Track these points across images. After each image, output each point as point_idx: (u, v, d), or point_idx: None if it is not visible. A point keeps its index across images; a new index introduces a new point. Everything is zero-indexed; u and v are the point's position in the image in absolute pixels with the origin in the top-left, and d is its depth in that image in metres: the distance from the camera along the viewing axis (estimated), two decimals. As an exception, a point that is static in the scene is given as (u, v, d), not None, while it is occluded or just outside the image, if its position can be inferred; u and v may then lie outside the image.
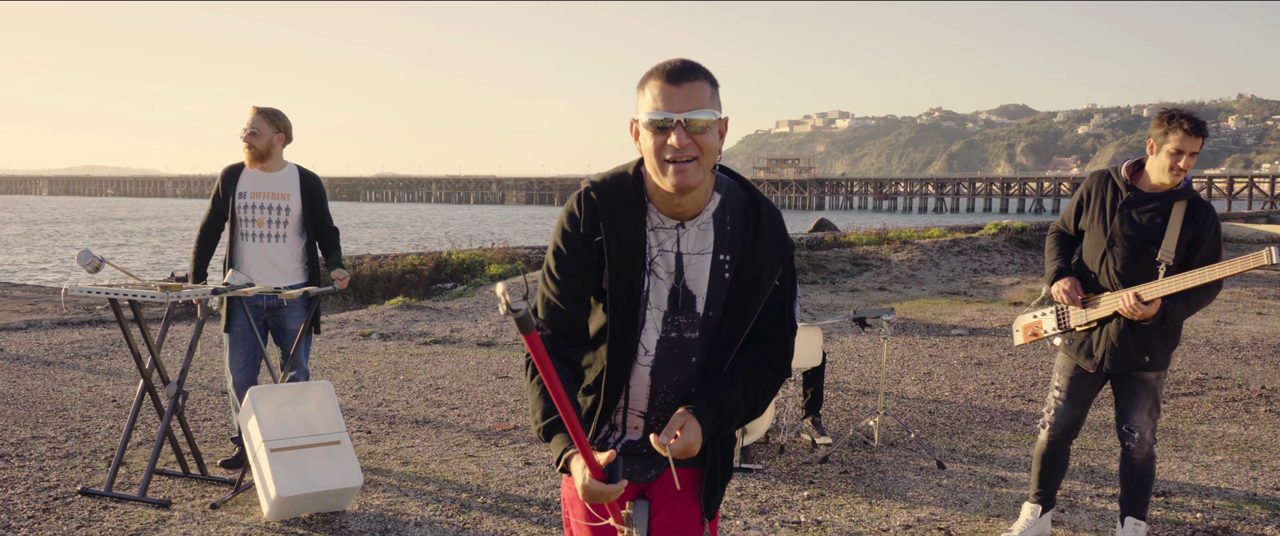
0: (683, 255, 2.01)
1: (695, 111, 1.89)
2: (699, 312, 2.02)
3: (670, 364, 2.04)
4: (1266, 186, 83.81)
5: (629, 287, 1.99)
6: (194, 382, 6.97)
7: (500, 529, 4.17)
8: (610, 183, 2.01)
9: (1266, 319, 10.67)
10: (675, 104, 1.89)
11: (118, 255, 30.50)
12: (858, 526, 4.26)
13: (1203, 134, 3.55)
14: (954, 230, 18.97)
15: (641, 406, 2.09)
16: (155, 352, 4.59)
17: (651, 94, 1.92)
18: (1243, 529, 4.26)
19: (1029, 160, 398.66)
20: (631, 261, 1.98)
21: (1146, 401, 3.79)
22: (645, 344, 2.04)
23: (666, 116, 1.88)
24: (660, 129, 1.90)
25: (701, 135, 1.90)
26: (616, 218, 1.99)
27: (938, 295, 13.01)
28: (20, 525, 4.11)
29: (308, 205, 4.99)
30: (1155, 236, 3.62)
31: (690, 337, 2.03)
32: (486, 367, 7.80)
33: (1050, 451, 3.98)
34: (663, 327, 2.03)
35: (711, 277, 2.01)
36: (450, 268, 13.94)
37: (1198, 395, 6.93)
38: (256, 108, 4.98)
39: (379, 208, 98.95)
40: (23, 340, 8.76)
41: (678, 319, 2.02)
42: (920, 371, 7.78)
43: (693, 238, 2.02)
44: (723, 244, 2.02)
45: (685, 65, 1.92)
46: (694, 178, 1.92)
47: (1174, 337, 3.76)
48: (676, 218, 2.01)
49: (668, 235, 2.02)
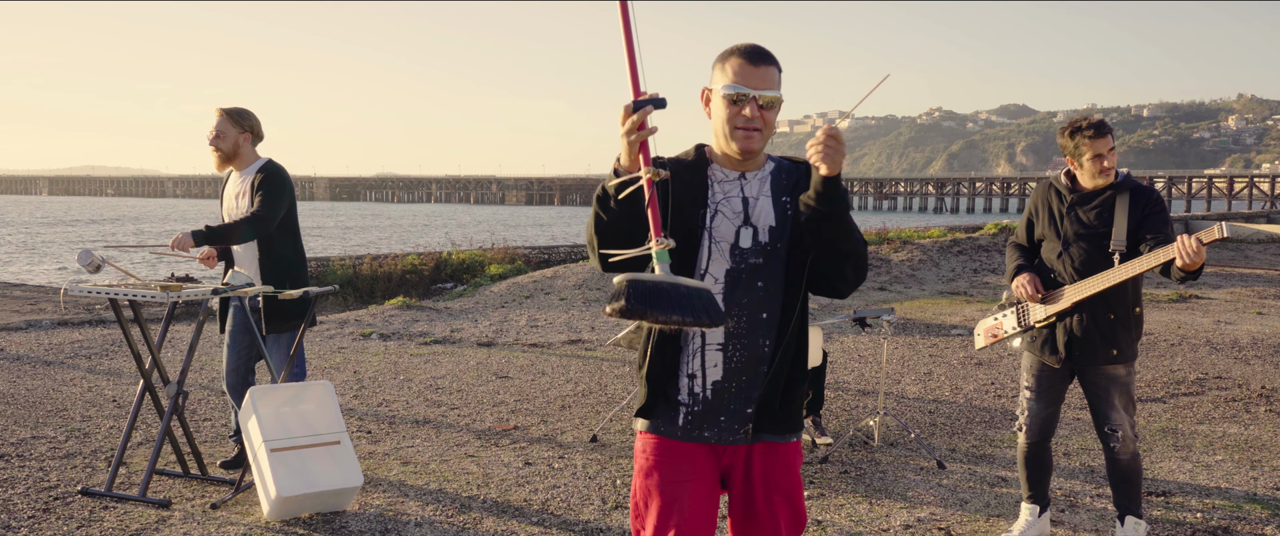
0: (748, 199, 2.32)
1: (768, 90, 2.24)
2: (763, 242, 2.30)
3: (739, 288, 2.29)
4: (1266, 186, 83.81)
5: (688, 223, 2.27)
6: (194, 382, 6.97)
7: (500, 529, 4.17)
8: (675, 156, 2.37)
9: (1266, 319, 10.67)
10: (752, 81, 2.23)
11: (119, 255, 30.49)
12: (858, 526, 4.26)
13: (1106, 131, 3.75)
14: (954, 230, 18.96)
15: (718, 336, 2.29)
16: (155, 352, 4.59)
17: (732, 69, 2.24)
18: (1243, 529, 4.26)
19: (1029, 160, 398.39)
20: (690, 201, 2.28)
21: (1120, 398, 3.81)
22: (714, 273, 2.29)
23: (744, 91, 2.22)
24: (735, 101, 2.23)
25: (768, 111, 2.25)
26: (680, 170, 2.32)
27: (938, 295, 13.01)
28: (20, 525, 4.11)
29: (252, 194, 4.78)
30: (1105, 230, 3.74)
31: (755, 263, 2.30)
32: (486, 367, 7.80)
33: (1031, 453, 4.01)
34: (730, 259, 2.29)
35: (777, 214, 2.32)
36: (450, 268, 13.94)
37: (1198, 395, 6.93)
38: (221, 109, 4.90)
39: (379, 207, 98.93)
40: (23, 340, 8.76)
41: (742, 251, 2.29)
42: (920, 371, 7.78)
43: (754, 185, 2.34)
44: (781, 190, 2.35)
45: (763, 50, 2.26)
46: (757, 144, 2.27)
47: (1137, 329, 3.82)
48: (739, 170, 2.34)
49: (732, 185, 2.33)
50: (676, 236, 2.22)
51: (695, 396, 2.30)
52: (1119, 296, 3.74)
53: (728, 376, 2.29)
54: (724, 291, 2.27)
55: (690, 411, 2.31)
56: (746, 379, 2.30)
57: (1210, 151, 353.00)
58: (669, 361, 2.32)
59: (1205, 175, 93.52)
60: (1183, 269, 3.43)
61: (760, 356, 2.30)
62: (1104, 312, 3.74)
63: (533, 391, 6.93)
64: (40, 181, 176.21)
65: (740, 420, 2.31)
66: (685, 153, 2.38)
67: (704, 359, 2.29)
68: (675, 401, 2.32)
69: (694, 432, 2.31)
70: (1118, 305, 3.75)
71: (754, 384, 2.30)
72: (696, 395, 2.30)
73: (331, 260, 13.74)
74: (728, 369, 2.29)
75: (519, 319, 10.45)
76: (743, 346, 2.29)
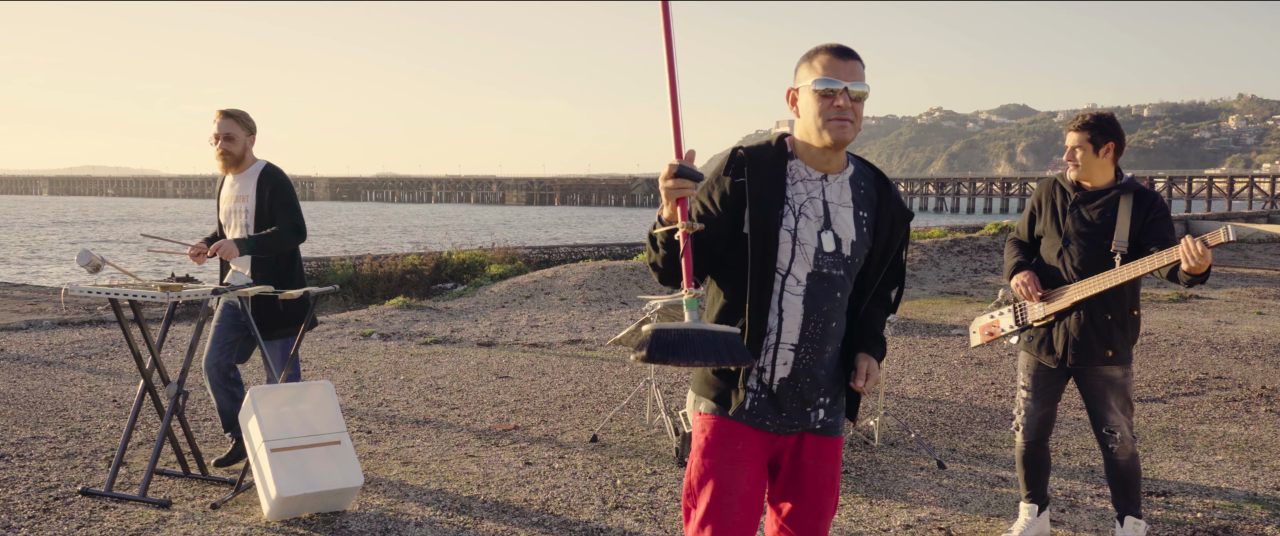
0: (829, 204, 2.39)
1: (857, 83, 2.33)
2: (845, 254, 2.38)
3: (820, 294, 2.37)
4: (1267, 186, 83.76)
5: (766, 221, 2.32)
6: (194, 382, 6.97)
7: (500, 529, 4.17)
8: (756, 145, 2.41)
9: (1266, 319, 10.66)
10: (842, 74, 2.32)
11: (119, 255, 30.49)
12: (858, 526, 4.26)
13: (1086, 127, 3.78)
14: (954, 230, 18.96)
15: (793, 337, 2.37)
16: (155, 353, 4.59)
17: (821, 65, 2.34)
18: (1243, 529, 4.26)
19: (1029, 160, 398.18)
20: (769, 199, 2.33)
21: (1117, 399, 3.81)
22: (797, 274, 2.36)
23: (835, 84, 2.31)
24: (826, 95, 2.31)
25: (857, 103, 2.33)
26: (758, 165, 2.36)
27: (938, 295, 13.01)
28: (21, 525, 4.11)
29: (262, 200, 4.85)
30: (1107, 230, 3.73)
31: (836, 274, 2.38)
32: (487, 367, 7.80)
33: (1029, 453, 4.02)
34: (814, 262, 2.35)
35: (855, 227, 2.40)
36: (450, 268, 13.95)
37: (1198, 395, 6.93)
38: (223, 111, 4.86)
39: (379, 207, 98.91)
40: (23, 340, 8.76)
41: (826, 256, 2.36)
42: (920, 371, 7.78)
43: (835, 190, 2.40)
44: (861, 203, 2.42)
45: (848, 47, 2.36)
46: (850, 134, 2.33)
47: (1134, 331, 3.81)
48: (822, 171, 2.39)
49: (814, 186, 2.39)
50: (753, 232, 2.32)
51: (764, 385, 2.39)
52: (1117, 298, 3.74)
53: (795, 376, 2.39)
54: (805, 294, 2.36)
55: (757, 398, 2.39)
56: (809, 380, 2.40)
57: (1210, 151, 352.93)
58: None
59: (1205, 175, 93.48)
60: (1189, 272, 3.42)
61: (823, 361, 2.42)
62: (1101, 313, 3.74)
63: (533, 391, 6.93)
64: (40, 181, 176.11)
65: (800, 418, 2.42)
66: (766, 142, 2.43)
67: (776, 356, 2.37)
68: (743, 386, 2.39)
69: (757, 419, 2.40)
70: (1115, 306, 3.75)
71: (816, 386, 2.42)
72: (765, 385, 2.39)
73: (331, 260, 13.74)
74: (796, 369, 2.38)
75: (519, 319, 10.45)
76: (813, 350, 2.39)
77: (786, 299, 2.36)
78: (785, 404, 2.40)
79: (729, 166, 2.36)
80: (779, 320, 2.36)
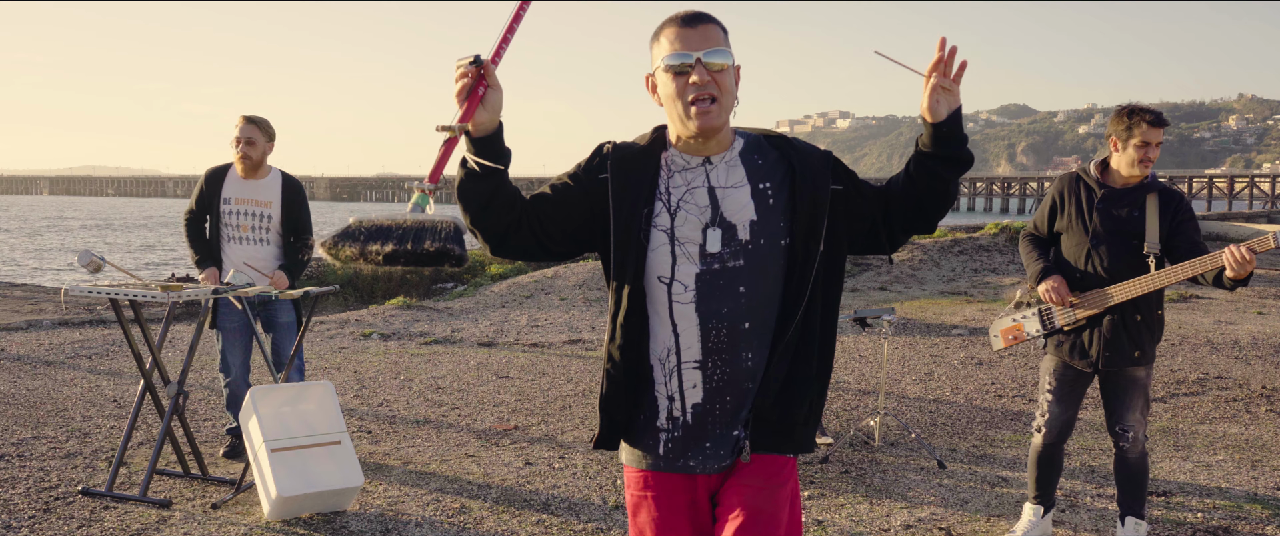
0: (716, 189, 2.03)
1: (712, 51, 1.95)
2: (743, 239, 2.01)
3: (715, 295, 2.00)
4: (1267, 186, 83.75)
5: (631, 224, 2.01)
6: (194, 382, 6.97)
7: (500, 529, 4.17)
8: (627, 142, 2.10)
9: (1267, 319, 10.66)
10: (692, 44, 1.95)
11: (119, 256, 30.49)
12: (858, 526, 4.26)
13: (1164, 124, 3.69)
14: (954, 230, 18.96)
15: (695, 353, 2.02)
16: (156, 352, 4.60)
17: (667, 39, 1.98)
18: (1243, 529, 4.26)
19: (1030, 160, 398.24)
20: (635, 198, 2.01)
21: (1139, 400, 3.79)
22: (682, 280, 2.01)
23: (686, 56, 1.95)
24: (680, 72, 1.96)
25: (719, 75, 1.96)
26: (624, 160, 2.05)
27: (938, 295, 13.01)
28: (21, 525, 4.11)
29: (288, 211, 5.08)
30: (1136, 229, 3.69)
31: (734, 266, 2.01)
32: (487, 367, 7.80)
33: (1046, 454, 3.98)
34: (701, 261, 2.01)
35: (756, 205, 2.02)
36: (450, 267, 13.95)
37: (1198, 395, 6.93)
38: (247, 117, 5.06)
39: (379, 208, 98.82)
40: (23, 340, 8.76)
41: (711, 255, 2.01)
42: (921, 371, 7.78)
43: (721, 173, 2.04)
44: (758, 175, 2.05)
45: (697, 10, 2.00)
46: (717, 119, 1.97)
47: (1159, 331, 3.79)
48: (702, 155, 2.05)
49: (694, 174, 2.04)
50: (618, 238, 2.01)
51: (675, 421, 2.05)
52: (1145, 299, 3.69)
53: (709, 397, 2.03)
54: (696, 299, 2.00)
55: (671, 437, 2.06)
56: (731, 399, 2.03)
57: (1210, 151, 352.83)
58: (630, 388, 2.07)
59: (1206, 175, 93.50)
60: (1233, 278, 3.41)
61: (745, 372, 2.02)
62: (1132, 315, 3.70)
63: (533, 391, 6.93)
64: (40, 181, 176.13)
65: (727, 445, 2.04)
66: (641, 136, 2.11)
67: (681, 379, 2.03)
68: (654, 427, 2.07)
69: (677, 462, 2.06)
70: (1145, 308, 3.71)
71: (741, 403, 2.04)
72: (676, 419, 2.05)
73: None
74: (708, 389, 2.03)
75: (519, 319, 10.45)
76: (723, 363, 2.02)
77: (677, 310, 2.01)
78: (708, 432, 2.04)
79: (592, 160, 2.07)
80: (674, 336, 2.02)
